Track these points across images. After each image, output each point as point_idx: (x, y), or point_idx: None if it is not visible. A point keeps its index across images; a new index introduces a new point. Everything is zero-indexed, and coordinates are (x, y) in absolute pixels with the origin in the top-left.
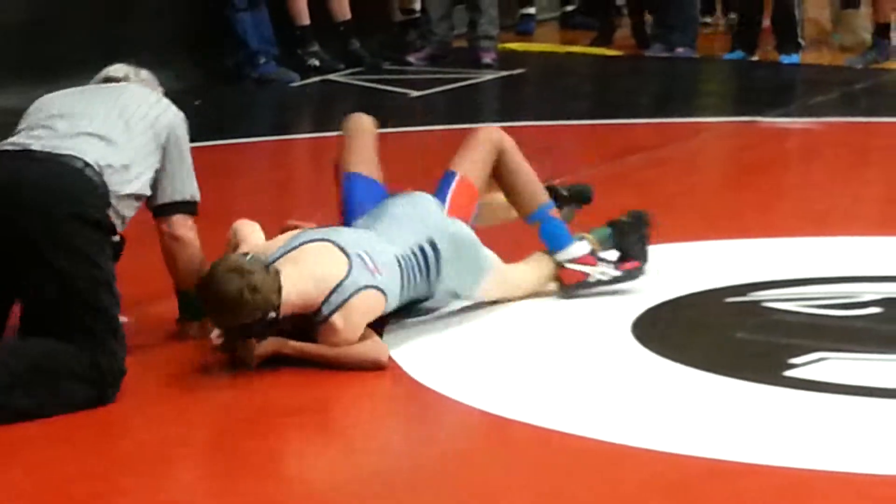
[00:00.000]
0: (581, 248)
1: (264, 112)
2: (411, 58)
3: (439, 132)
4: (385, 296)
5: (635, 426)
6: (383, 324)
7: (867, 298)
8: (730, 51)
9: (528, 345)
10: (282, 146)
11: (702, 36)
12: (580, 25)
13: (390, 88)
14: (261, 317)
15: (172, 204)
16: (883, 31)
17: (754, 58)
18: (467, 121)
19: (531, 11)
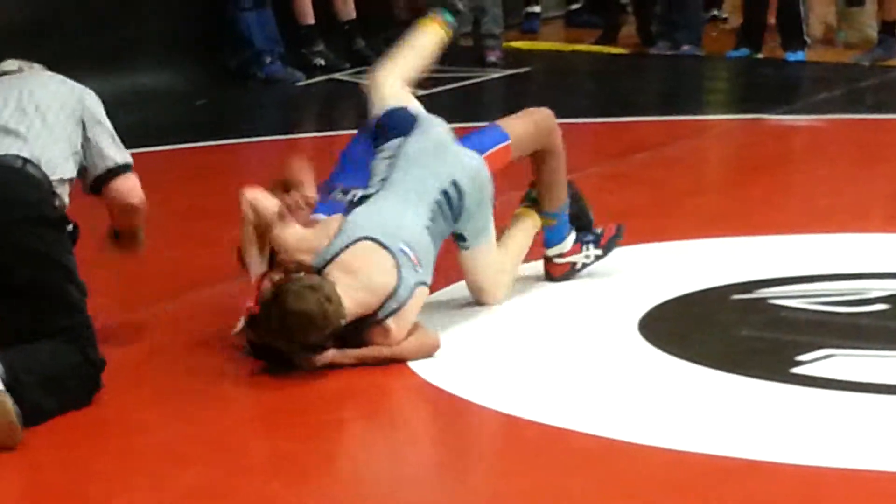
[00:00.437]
0: (570, 241)
1: (270, 111)
2: None
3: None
4: (428, 286)
5: (642, 424)
6: None
7: (874, 295)
8: (735, 48)
9: (535, 343)
10: (287, 146)
11: (707, 34)
12: (585, 24)
13: None
14: (335, 328)
15: (108, 171)
16: (889, 29)
17: (760, 55)
18: (473, 119)
19: (536, 10)
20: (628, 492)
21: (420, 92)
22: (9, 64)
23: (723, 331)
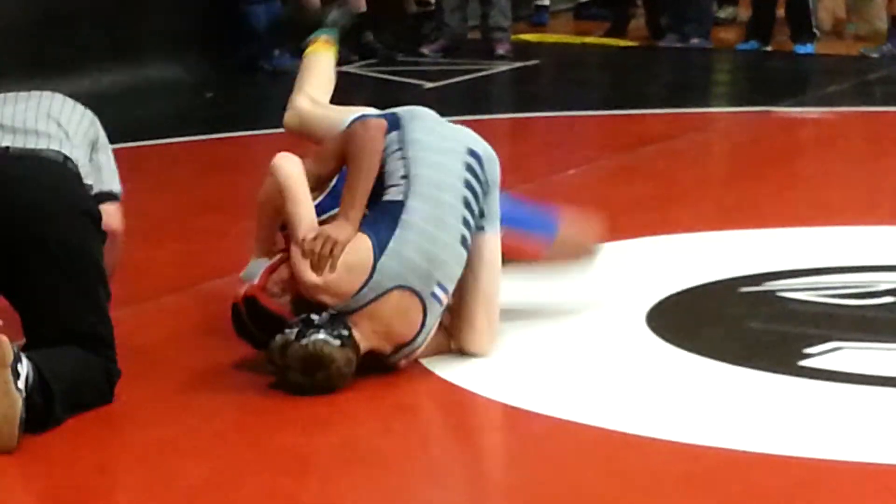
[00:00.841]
0: None
1: (278, 104)
2: (425, 49)
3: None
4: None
5: (650, 416)
6: None
7: (882, 288)
8: (744, 41)
9: (543, 335)
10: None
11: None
12: (594, 16)
13: (404, 80)
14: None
15: (101, 193)
16: None
17: (769, 48)
18: (482, 112)
19: (545, 3)
20: (635, 484)
21: (428, 84)
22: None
23: (730, 323)
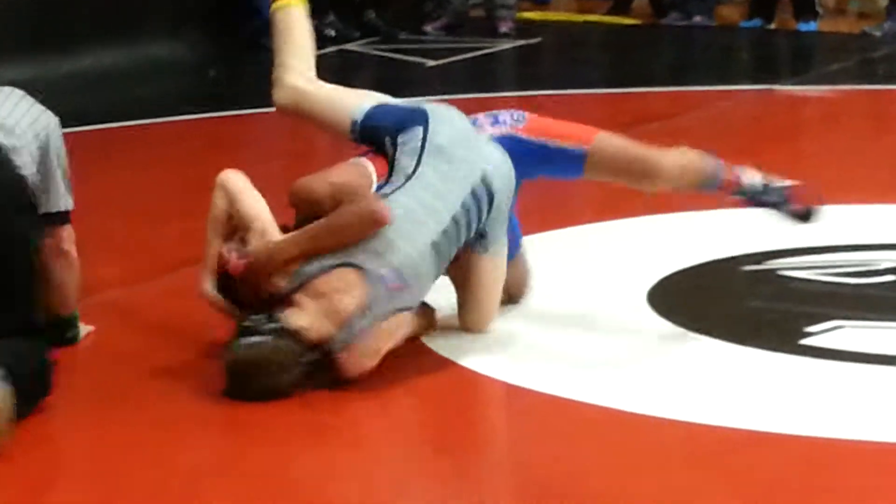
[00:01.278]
0: None
1: None
2: (428, 27)
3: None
4: (412, 309)
5: (651, 395)
6: None
7: (884, 266)
8: (747, 18)
9: (544, 313)
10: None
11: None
12: None
13: (407, 58)
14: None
15: (57, 214)
16: None
17: (772, 25)
18: (484, 90)
19: None
20: (636, 462)
21: (431, 63)
22: None
23: (732, 302)
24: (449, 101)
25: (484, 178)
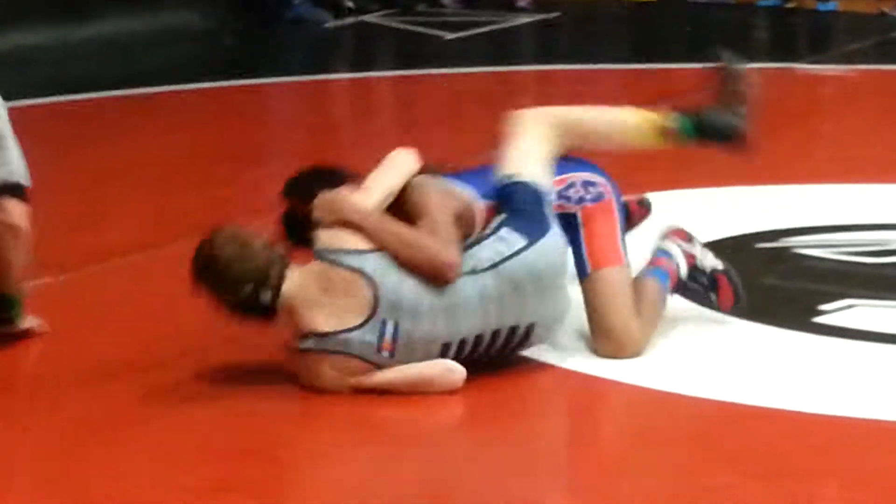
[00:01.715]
0: None
1: (298, 53)
2: (446, 0)
3: (473, 75)
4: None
5: (663, 370)
6: None
7: None
8: None
9: None
10: (316, 87)
11: None
12: None
13: (424, 30)
14: (251, 293)
15: (5, 186)
16: None
17: (791, 4)
18: (502, 63)
19: None
20: (646, 437)
21: (449, 35)
22: None
23: (746, 279)
24: (466, 75)
25: (515, 328)
